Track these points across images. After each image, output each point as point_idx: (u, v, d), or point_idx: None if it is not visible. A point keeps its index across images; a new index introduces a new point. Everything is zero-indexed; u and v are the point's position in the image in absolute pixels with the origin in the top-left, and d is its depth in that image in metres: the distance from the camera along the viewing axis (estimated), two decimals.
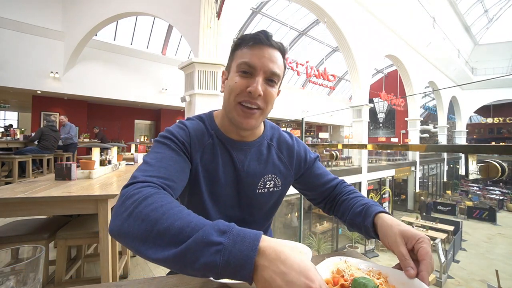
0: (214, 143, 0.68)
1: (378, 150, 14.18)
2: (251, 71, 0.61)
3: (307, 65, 8.52)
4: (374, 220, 0.58)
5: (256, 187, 0.71)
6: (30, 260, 0.37)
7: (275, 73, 0.62)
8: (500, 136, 22.00)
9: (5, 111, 11.73)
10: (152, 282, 0.52)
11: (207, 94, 4.62)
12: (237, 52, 0.64)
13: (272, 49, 0.62)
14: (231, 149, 0.69)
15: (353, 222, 0.65)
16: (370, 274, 0.48)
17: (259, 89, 0.59)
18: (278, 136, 0.78)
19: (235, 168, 0.69)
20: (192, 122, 0.69)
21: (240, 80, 0.61)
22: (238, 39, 0.64)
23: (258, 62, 0.60)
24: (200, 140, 0.66)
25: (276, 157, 0.74)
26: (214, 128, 0.70)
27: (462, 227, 10.32)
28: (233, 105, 0.62)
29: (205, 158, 0.67)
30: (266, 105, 0.63)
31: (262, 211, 0.75)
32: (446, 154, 17.79)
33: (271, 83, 0.63)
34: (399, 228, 0.52)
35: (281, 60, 0.64)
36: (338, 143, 15.07)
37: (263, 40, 0.61)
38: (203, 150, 0.67)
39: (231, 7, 4.98)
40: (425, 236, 0.49)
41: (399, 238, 0.51)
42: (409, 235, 0.50)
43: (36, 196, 1.30)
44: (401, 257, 0.49)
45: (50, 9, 7.16)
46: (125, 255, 1.97)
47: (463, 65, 17.60)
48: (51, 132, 4.91)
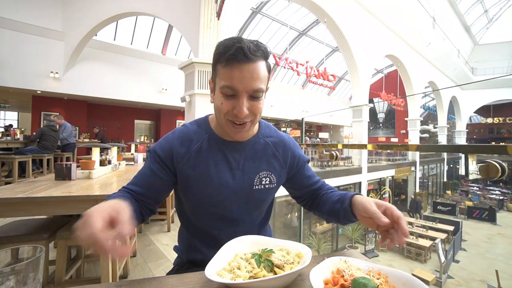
0: (203, 147, 0.71)
1: (378, 150, 14.18)
2: (234, 93, 0.61)
3: (307, 65, 8.51)
4: (351, 201, 0.65)
5: (253, 183, 0.72)
6: (30, 260, 0.37)
7: (259, 89, 0.62)
8: (500, 136, 21.99)
9: (5, 111, 11.72)
10: (152, 282, 0.52)
11: (207, 94, 4.61)
12: (218, 68, 0.63)
13: (253, 63, 0.60)
14: (226, 149, 0.72)
15: (332, 209, 0.71)
16: (370, 274, 0.48)
17: (244, 110, 0.61)
18: (276, 135, 0.79)
19: (231, 166, 0.71)
20: (181, 129, 0.75)
21: (225, 102, 0.63)
22: (218, 52, 0.62)
23: (240, 85, 0.60)
24: (186, 146, 0.71)
25: (271, 154, 0.76)
26: (209, 131, 0.73)
27: (462, 227, 10.32)
28: (224, 122, 0.66)
29: (194, 161, 0.70)
30: (255, 117, 0.66)
31: (259, 208, 0.78)
32: (446, 154, 17.78)
33: (256, 98, 0.63)
34: (371, 200, 0.61)
35: (264, 69, 0.63)
36: (338, 143, 15.07)
37: (241, 59, 0.59)
38: (191, 154, 0.70)
39: (231, 7, 4.98)
40: (391, 205, 0.57)
41: (372, 203, 0.59)
42: (380, 203, 0.59)
43: (36, 196, 1.30)
44: (374, 214, 0.57)
45: (50, 9, 7.16)
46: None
47: (463, 65, 17.60)
48: (51, 132, 4.91)
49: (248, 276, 0.49)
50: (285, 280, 0.49)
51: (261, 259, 0.53)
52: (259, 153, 0.74)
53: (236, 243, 0.61)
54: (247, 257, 0.55)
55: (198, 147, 0.71)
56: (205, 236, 0.75)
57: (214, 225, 0.74)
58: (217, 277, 0.48)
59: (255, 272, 0.50)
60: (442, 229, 10.26)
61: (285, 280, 0.49)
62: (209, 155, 0.71)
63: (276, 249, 0.59)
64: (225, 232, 0.73)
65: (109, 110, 10.31)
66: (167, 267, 2.22)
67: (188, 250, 0.78)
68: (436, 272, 7.40)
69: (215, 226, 0.74)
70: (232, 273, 0.51)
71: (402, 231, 0.54)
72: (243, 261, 0.54)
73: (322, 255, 0.65)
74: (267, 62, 0.65)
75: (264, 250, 0.56)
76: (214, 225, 0.74)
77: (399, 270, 0.48)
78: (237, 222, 0.74)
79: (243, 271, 0.51)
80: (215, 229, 0.74)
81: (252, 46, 0.60)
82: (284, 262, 0.53)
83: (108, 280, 1.45)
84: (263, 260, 0.53)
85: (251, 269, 0.51)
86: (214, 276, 0.48)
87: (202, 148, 0.71)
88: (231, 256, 0.57)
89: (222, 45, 0.62)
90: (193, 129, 0.74)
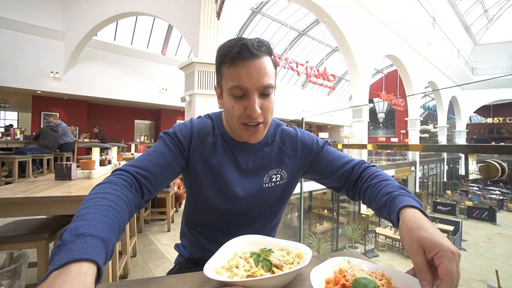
0: (217, 143, 0.70)
1: (378, 150, 14.19)
2: (244, 93, 0.60)
3: (307, 65, 8.51)
4: (398, 216, 0.51)
5: (262, 183, 0.71)
6: (11, 268, 0.35)
7: (268, 85, 0.60)
8: (500, 136, 21.99)
9: (5, 111, 11.72)
10: (152, 282, 0.52)
11: (207, 94, 4.62)
12: (224, 70, 0.61)
13: (258, 59, 0.59)
14: (235, 149, 0.71)
15: (380, 213, 0.59)
16: (373, 275, 0.47)
17: (256, 109, 0.59)
18: (281, 131, 0.77)
19: (239, 167, 0.71)
20: (199, 120, 0.73)
21: (236, 104, 0.61)
22: (221, 54, 0.61)
23: (248, 82, 0.58)
24: (203, 138, 0.69)
25: (278, 150, 0.74)
26: (221, 128, 0.72)
27: (462, 227, 10.33)
28: (237, 126, 0.64)
29: (207, 155, 0.69)
30: (267, 117, 0.64)
31: (268, 204, 0.75)
32: (446, 154, 17.79)
33: (267, 95, 0.62)
34: (417, 234, 0.43)
35: (270, 64, 0.62)
36: (338, 143, 15.07)
37: (246, 56, 0.57)
38: (205, 147, 0.69)
39: (231, 7, 4.98)
40: (449, 248, 0.39)
41: (415, 246, 0.43)
42: (428, 245, 0.41)
43: (36, 196, 1.30)
44: (417, 268, 0.42)
45: (50, 9, 7.16)
46: (125, 255, 1.97)
47: (463, 65, 17.60)
48: (51, 132, 4.92)
49: (245, 275, 0.50)
50: (283, 279, 0.49)
51: (259, 259, 0.53)
52: (267, 153, 0.73)
53: (236, 242, 0.62)
54: (246, 256, 0.56)
55: (213, 142, 0.70)
56: (212, 233, 0.74)
57: (222, 220, 0.73)
58: (215, 275, 0.48)
59: (253, 271, 0.50)
60: (442, 229, 10.24)
61: (282, 280, 0.49)
62: (221, 152, 0.70)
63: (277, 249, 0.59)
64: (233, 228, 0.72)
65: (109, 110, 10.31)
66: (167, 267, 2.22)
67: (192, 248, 0.78)
68: None
69: (223, 221, 0.73)
70: (230, 271, 0.51)
71: None
72: (241, 260, 0.54)
73: (323, 255, 0.65)
74: (272, 58, 0.64)
75: (263, 250, 0.56)
76: (222, 221, 0.73)
77: (403, 272, 0.47)
78: (245, 216, 0.73)
79: (241, 269, 0.51)
80: (224, 225, 0.73)
81: (256, 42, 0.59)
82: (283, 262, 0.53)
83: (108, 280, 1.45)
84: (262, 259, 0.53)
85: (249, 268, 0.51)
86: (212, 274, 0.48)
87: (216, 143, 0.70)
88: (231, 255, 0.57)
89: (224, 47, 0.61)
90: (209, 123, 0.73)
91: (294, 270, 0.48)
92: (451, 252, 0.39)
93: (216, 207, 0.70)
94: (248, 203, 0.71)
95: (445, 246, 0.39)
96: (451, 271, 0.38)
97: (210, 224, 0.74)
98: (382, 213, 0.58)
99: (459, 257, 0.40)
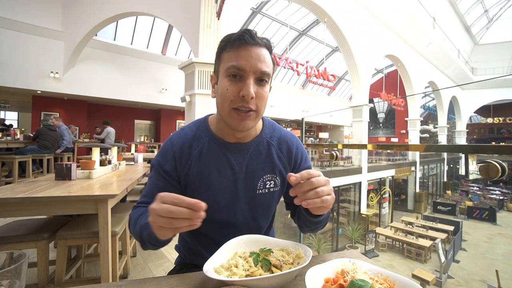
0: (204, 150, 0.69)
1: (378, 150, 14.17)
2: (240, 74, 0.60)
3: (307, 65, 8.51)
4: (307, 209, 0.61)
5: (256, 188, 0.70)
6: (11, 268, 0.35)
7: (265, 72, 0.61)
8: (500, 136, 21.97)
9: (5, 111, 11.72)
10: (152, 282, 0.52)
11: (207, 94, 4.61)
12: (224, 55, 0.63)
13: (259, 47, 0.61)
14: (228, 152, 0.69)
15: (301, 221, 0.70)
16: (374, 279, 0.47)
17: (251, 91, 0.59)
18: (279, 135, 0.76)
19: (233, 170, 0.69)
20: (178, 135, 0.72)
21: (231, 85, 0.60)
22: (223, 41, 0.63)
23: (247, 64, 0.59)
24: (186, 153, 0.69)
25: (276, 156, 0.73)
26: (209, 134, 0.70)
27: (462, 227, 10.33)
28: (228, 111, 0.62)
29: (195, 168, 0.68)
30: (260, 106, 0.63)
31: (264, 214, 0.75)
32: (446, 154, 17.78)
33: (262, 83, 0.62)
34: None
35: (269, 57, 0.63)
36: (338, 143, 15.08)
37: (248, 40, 0.60)
38: (191, 161, 0.68)
39: (231, 7, 4.98)
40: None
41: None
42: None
43: (36, 196, 1.30)
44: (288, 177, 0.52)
45: (50, 9, 7.15)
46: (125, 255, 1.97)
47: (463, 65, 17.60)
48: (49, 132, 4.92)
49: (244, 274, 0.50)
50: (281, 279, 0.49)
51: (258, 258, 0.53)
52: (262, 155, 0.71)
53: (237, 242, 0.62)
54: (245, 255, 0.56)
55: (199, 151, 0.69)
56: (208, 242, 0.73)
57: (217, 231, 0.72)
58: (214, 274, 0.48)
59: (251, 270, 0.51)
60: (442, 229, 10.27)
61: (281, 280, 0.49)
62: (210, 160, 0.68)
63: (277, 249, 0.59)
64: (229, 238, 0.72)
65: (109, 110, 10.30)
66: (167, 267, 2.22)
67: (190, 254, 0.78)
68: (436, 272, 7.40)
69: (219, 232, 0.71)
70: (229, 270, 0.51)
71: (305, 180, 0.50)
72: (241, 260, 0.54)
73: (323, 255, 0.65)
74: (272, 56, 0.65)
75: (263, 250, 0.56)
76: (217, 231, 0.72)
77: (408, 279, 0.46)
78: (241, 228, 0.72)
79: (240, 269, 0.51)
80: (219, 235, 0.71)
81: (257, 34, 0.62)
82: (283, 262, 0.53)
83: (108, 280, 1.46)
84: (261, 259, 0.53)
85: (248, 268, 0.51)
86: (211, 273, 0.48)
87: (202, 152, 0.69)
88: (231, 254, 0.58)
89: (227, 36, 0.63)
90: (191, 132, 0.71)
91: (293, 270, 0.48)
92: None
93: (211, 218, 0.68)
94: (243, 210, 0.71)
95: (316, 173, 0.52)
96: (310, 171, 0.51)
97: (207, 233, 0.73)
98: (301, 219, 0.68)
99: (328, 182, 0.53)
